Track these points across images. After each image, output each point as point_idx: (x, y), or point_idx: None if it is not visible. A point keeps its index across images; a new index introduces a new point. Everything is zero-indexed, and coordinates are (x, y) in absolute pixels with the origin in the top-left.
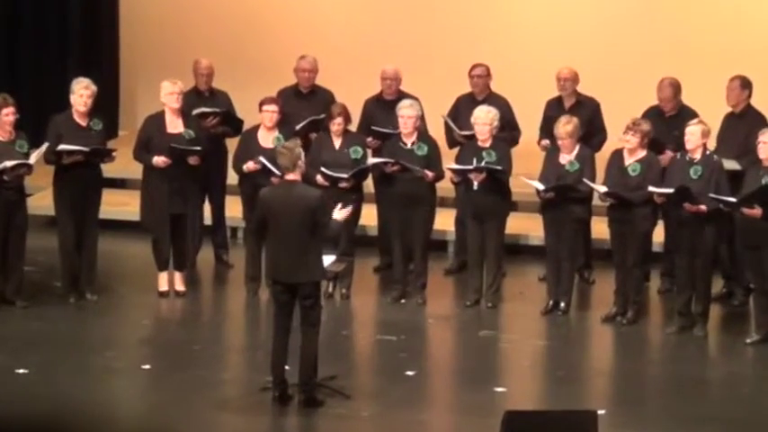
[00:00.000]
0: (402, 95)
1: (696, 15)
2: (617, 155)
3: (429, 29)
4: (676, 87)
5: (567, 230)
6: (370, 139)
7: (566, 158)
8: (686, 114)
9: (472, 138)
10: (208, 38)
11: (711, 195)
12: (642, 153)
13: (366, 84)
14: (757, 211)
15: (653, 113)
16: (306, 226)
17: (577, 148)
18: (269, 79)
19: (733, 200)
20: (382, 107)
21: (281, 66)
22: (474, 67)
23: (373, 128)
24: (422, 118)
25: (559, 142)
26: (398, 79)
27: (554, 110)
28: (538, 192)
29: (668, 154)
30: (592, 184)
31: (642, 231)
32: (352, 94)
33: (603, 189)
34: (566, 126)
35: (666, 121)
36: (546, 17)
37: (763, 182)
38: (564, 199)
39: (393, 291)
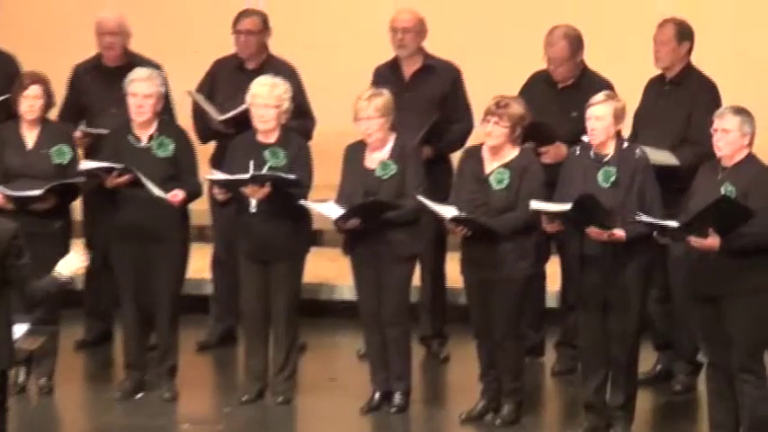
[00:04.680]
0: (135, 61)
1: None
2: (472, 156)
3: None
4: (574, 41)
5: (392, 278)
6: (78, 133)
7: (375, 159)
8: (590, 84)
9: (241, 122)
10: None
11: (641, 218)
12: (513, 152)
13: (72, 44)
14: (713, 241)
15: (539, 83)
16: None
17: (392, 140)
18: None
19: (674, 224)
20: (103, 78)
21: None
22: (240, 17)
23: (82, 128)
24: (165, 97)
25: (362, 128)
26: (124, 34)
27: (387, 79)
28: (334, 222)
29: (561, 148)
30: (430, 204)
31: (517, 279)
32: (50, 60)
33: (451, 213)
34: (372, 100)
35: (559, 95)
36: None
37: (723, 191)
38: (378, 226)
39: (124, 380)
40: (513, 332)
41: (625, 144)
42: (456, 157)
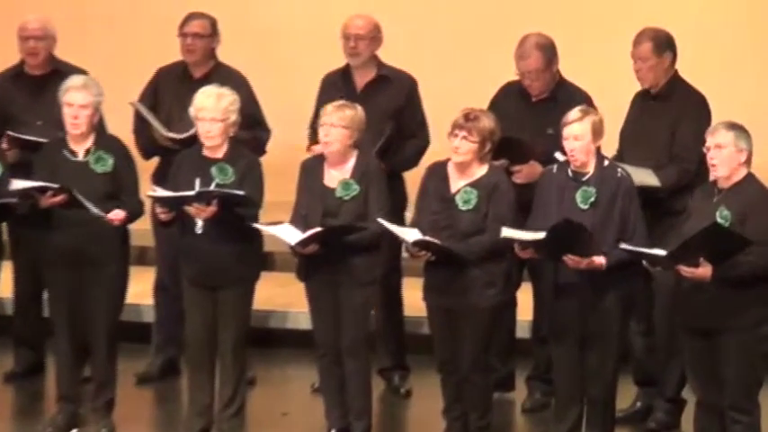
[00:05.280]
0: (61, 68)
1: None
2: (436, 173)
3: None
4: (548, 51)
5: (352, 305)
6: (4, 144)
7: (335, 177)
8: (568, 97)
9: (188, 140)
10: None
11: (625, 246)
12: (481, 170)
13: None
14: (704, 271)
15: (511, 95)
16: None
17: (354, 158)
18: None
19: (662, 253)
20: (26, 87)
21: None
22: (187, 19)
23: (10, 133)
24: (99, 108)
25: (321, 135)
26: (49, 38)
27: (337, 89)
28: (291, 247)
29: (535, 168)
30: (390, 226)
31: (484, 308)
32: None
33: (413, 236)
34: (342, 109)
35: (534, 110)
36: None
37: (719, 218)
38: (338, 250)
39: (56, 414)
40: (480, 365)
41: (606, 162)
42: (408, 175)
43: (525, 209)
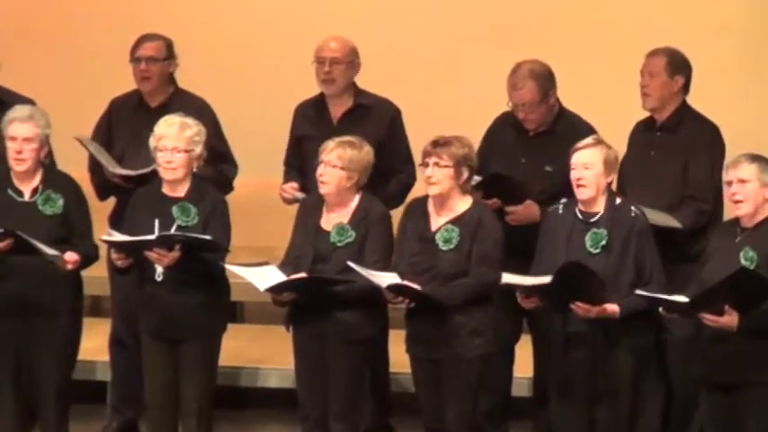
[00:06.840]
0: (4, 98)
1: None
2: (416, 211)
3: None
4: (544, 80)
5: (341, 363)
6: None
7: (332, 220)
8: (569, 130)
9: (142, 178)
10: None
11: (641, 292)
12: (463, 204)
13: None
14: (730, 319)
15: (506, 128)
16: None
17: (357, 200)
18: None
19: (683, 299)
20: None
21: None
22: (140, 42)
23: None
24: (47, 141)
25: (317, 172)
26: None
27: (311, 121)
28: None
29: (532, 208)
30: (362, 270)
31: (470, 359)
32: None
33: (389, 279)
34: (342, 147)
35: (530, 145)
36: None
37: (743, 260)
38: (321, 301)
39: None
40: (467, 423)
41: (618, 200)
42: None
43: (520, 253)
